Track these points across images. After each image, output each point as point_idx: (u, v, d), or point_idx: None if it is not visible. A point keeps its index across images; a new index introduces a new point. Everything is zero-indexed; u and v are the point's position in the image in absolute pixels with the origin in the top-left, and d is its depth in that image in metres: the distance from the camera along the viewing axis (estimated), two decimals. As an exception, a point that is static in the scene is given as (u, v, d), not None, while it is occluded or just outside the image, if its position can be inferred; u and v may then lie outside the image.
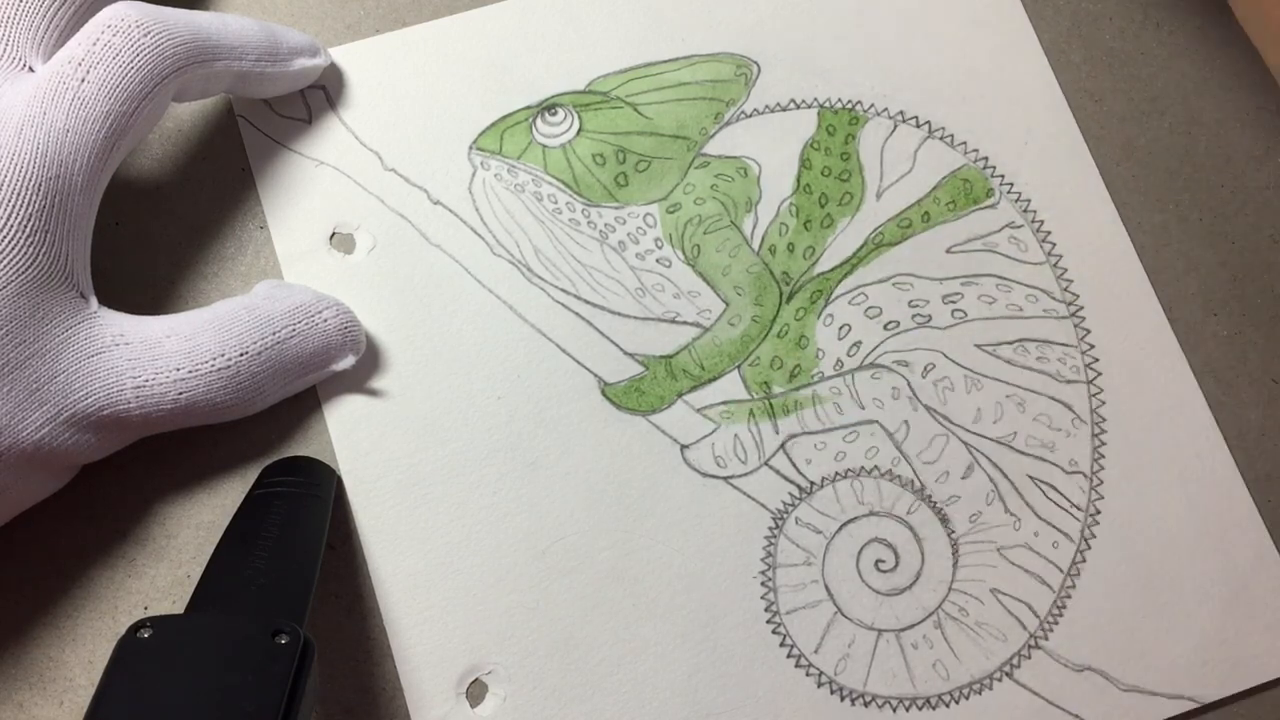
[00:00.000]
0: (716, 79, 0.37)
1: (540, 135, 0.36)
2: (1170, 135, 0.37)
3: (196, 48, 0.30)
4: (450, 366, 0.34)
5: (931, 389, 0.34)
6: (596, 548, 0.33)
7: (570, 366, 0.34)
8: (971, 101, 0.37)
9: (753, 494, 0.33)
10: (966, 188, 0.36)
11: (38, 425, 0.28)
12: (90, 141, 0.28)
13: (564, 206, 0.35)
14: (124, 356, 0.29)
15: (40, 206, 0.28)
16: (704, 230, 0.35)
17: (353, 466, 0.33)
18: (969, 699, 0.32)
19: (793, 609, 0.32)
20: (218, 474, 0.32)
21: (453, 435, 0.33)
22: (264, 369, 0.30)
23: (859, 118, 0.37)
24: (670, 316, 0.35)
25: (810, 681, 0.32)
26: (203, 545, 0.32)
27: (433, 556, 0.32)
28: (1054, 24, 0.38)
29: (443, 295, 0.34)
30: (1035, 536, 0.33)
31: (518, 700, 0.31)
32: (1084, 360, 0.35)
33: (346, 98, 0.36)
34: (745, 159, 0.36)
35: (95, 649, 0.31)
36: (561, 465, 0.33)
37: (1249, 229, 0.37)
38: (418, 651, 0.31)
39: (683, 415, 0.34)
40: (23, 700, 0.31)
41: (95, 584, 0.32)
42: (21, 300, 0.28)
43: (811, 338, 0.35)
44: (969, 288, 0.35)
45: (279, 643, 0.25)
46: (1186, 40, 0.38)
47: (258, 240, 0.35)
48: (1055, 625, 0.33)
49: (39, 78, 0.29)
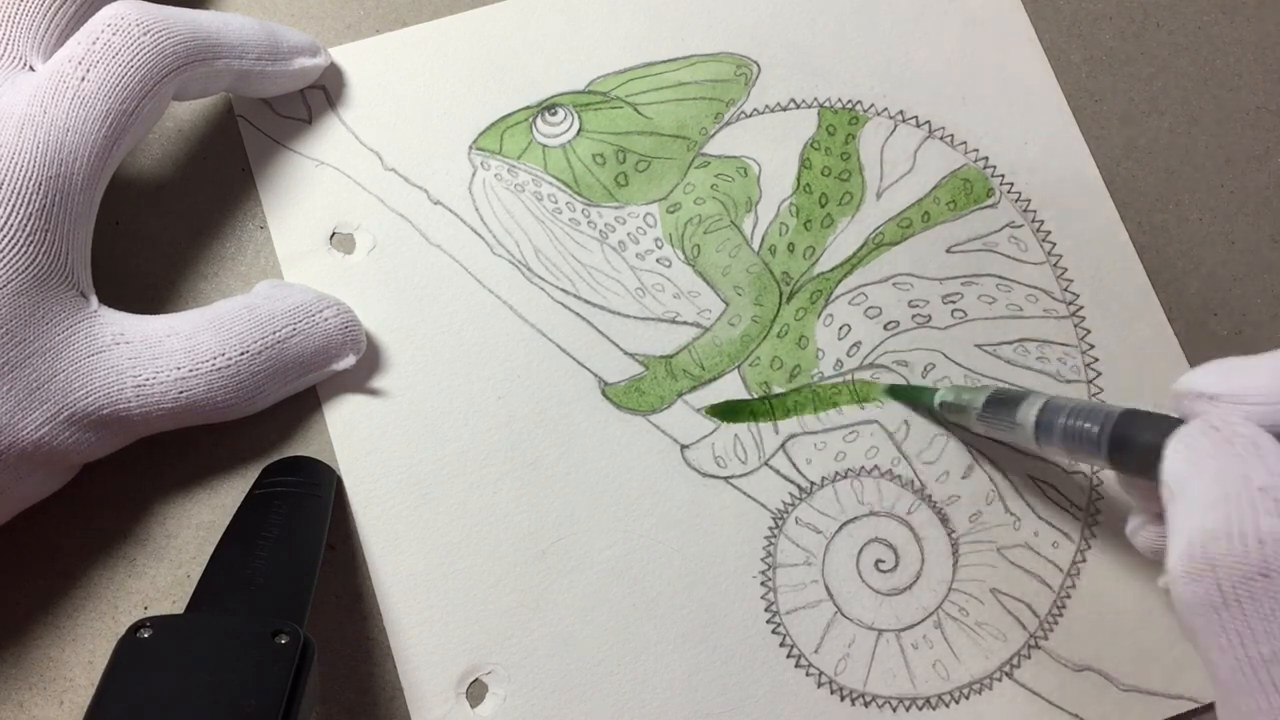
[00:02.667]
0: (716, 79, 0.37)
1: (540, 135, 0.36)
2: (1170, 135, 0.37)
3: (196, 46, 0.30)
4: (450, 366, 0.34)
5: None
6: (596, 548, 0.33)
7: (570, 366, 0.34)
8: (971, 101, 0.37)
9: (753, 494, 0.33)
10: (966, 187, 0.36)
11: (38, 424, 0.28)
12: (91, 140, 0.28)
13: (564, 206, 0.35)
14: (124, 355, 0.29)
15: (41, 205, 0.28)
16: (704, 230, 0.35)
17: (353, 466, 0.33)
18: (969, 699, 0.32)
19: (793, 609, 0.32)
20: (218, 474, 0.32)
21: (453, 435, 0.33)
22: (264, 368, 0.30)
23: (859, 118, 0.37)
24: (670, 316, 0.35)
25: (810, 681, 0.32)
26: (203, 545, 0.32)
27: (433, 556, 0.32)
28: (1054, 24, 0.38)
29: (443, 295, 0.34)
30: (1035, 536, 0.33)
31: (518, 700, 0.31)
32: (1084, 360, 0.35)
33: (346, 98, 0.36)
34: (745, 159, 0.36)
35: (95, 649, 0.31)
36: (561, 465, 0.33)
37: (1249, 229, 0.37)
38: (418, 651, 0.31)
39: (683, 415, 0.34)
40: (23, 700, 0.31)
41: (95, 584, 0.31)
42: (22, 299, 0.28)
43: (811, 338, 0.35)
44: (969, 288, 0.35)
45: (279, 643, 0.25)
46: (1186, 40, 0.38)
47: (258, 240, 0.35)
48: (1055, 625, 0.33)
49: (39, 77, 0.29)
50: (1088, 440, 0.27)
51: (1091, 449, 0.27)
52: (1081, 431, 0.27)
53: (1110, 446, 0.26)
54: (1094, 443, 0.26)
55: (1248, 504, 0.22)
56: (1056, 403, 0.28)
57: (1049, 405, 0.28)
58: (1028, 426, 0.29)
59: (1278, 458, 0.22)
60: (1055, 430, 0.28)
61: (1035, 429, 0.28)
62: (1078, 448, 0.27)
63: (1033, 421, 0.28)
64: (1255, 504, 0.22)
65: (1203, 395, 0.24)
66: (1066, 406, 0.28)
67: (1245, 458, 0.23)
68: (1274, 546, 0.21)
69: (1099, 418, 0.27)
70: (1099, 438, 0.26)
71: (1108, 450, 0.26)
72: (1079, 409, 0.27)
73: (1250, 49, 0.38)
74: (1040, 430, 0.28)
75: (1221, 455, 0.23)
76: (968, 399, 0.31)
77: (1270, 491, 0.22)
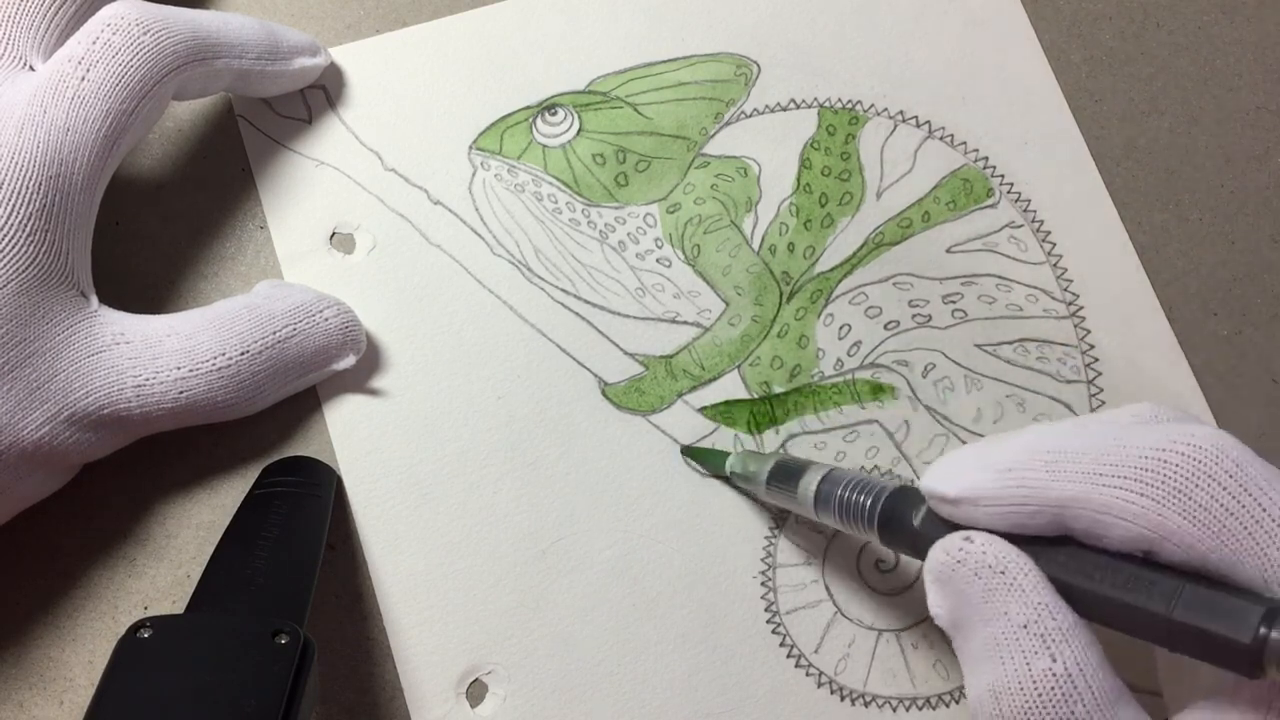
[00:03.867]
0: (716, 79, 0.37)
1: (540, 135, 0.36)
2: (1170, 135, 0.38)
3: (196, 45, 0.30)
4: (450, 366, 0.34)
5: (931, 389, 0.34)
6: (596, 548, 0.33)
7: (570, 366, 0.34)
8: (971, 101, 0.37)
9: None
10: (966, 187, 0.36)
11: (38, 424, 0.28)
12: (90, 140, 0.28)
13: (564, 206, 0.35)
14: (124, 355, 0.29)
15: (41, 205, 0.28)
16: (704, 230, 0.35)
17: (353, 466, 0.33)
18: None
19: (793, 609, 0.32)
20: (218, 474, 0.32)
21: (453, 435, 0.33)
22: (264, 368, 0.30)
23: (859, 117, 0.37)
24: (670, 316, 0.35)
25: (810, 681, 0.32)
26: (203, 545, 0.32)
27: (433, 556, 0.32)
28: (1054, 24, 0.38)
29: (443, 295, 0.34)
30: (1035, 536, 0.33)
31: (518, 700, 0.31)
32: (1084, 360, 0.35)
33: (346, 98, 0.36)
34: (745, 159, 0.36)
35: (95, 649, 0.31)
36: (561, 465, 0.33)
37: (1249, 229, 0.37)
38: (418, 651, 0.31)
39: (683, 415, 0.34)
40: (23, 700, 0.31)
41: (95, 584, 0.31)
42: (22, 299, 0.28)
43: (811, 337, 0.35)
44: (969, 288, 0.35)
45: (279, 643, 0.25)
46: (1186, 40, 0.39)
47: (258, 240, 0.35)
48: (1055, 625, 0.33)
49: (39, 77, 0.29)
50: (860, 513, 0.27)
51: (864, 523, 0.27)
52: (855, 505, 0.27)
53: (880, 522, 0.26)
54: (866, 517, 0.26)
55: (1016, 649, 0.22)
56: (836, 474, 0.28)
57: (829, 476, 0.28)
58: (808, 497, 0.28)
59: (1032, 585, 0.22)
60: (832, 502, 0.28)
61: (814, 499, 0.28)
62: (852, 521, 0.27)
63: (812, 493, 0.28)
64: (1023, 647, 0.22)
65: (944, 499, 0.24)
66: (845, 478, 0.27)
67: (997, 592, 0.23)
68: (1050, 691, 0.22)
69: (872, 492, 0.27)
70: (869, 512, 0.26)
71: (878, 525, 0.26)
72: (857, 482, 0.27)
73: (1250, 49, 0.38)
74: (819, 501, 0.28)
75: (973, 593, 0.23)
76: (754, 469, 0.31)
77: (1033, 628, 0.22)
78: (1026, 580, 0.23)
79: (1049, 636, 0.22)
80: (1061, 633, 0.22)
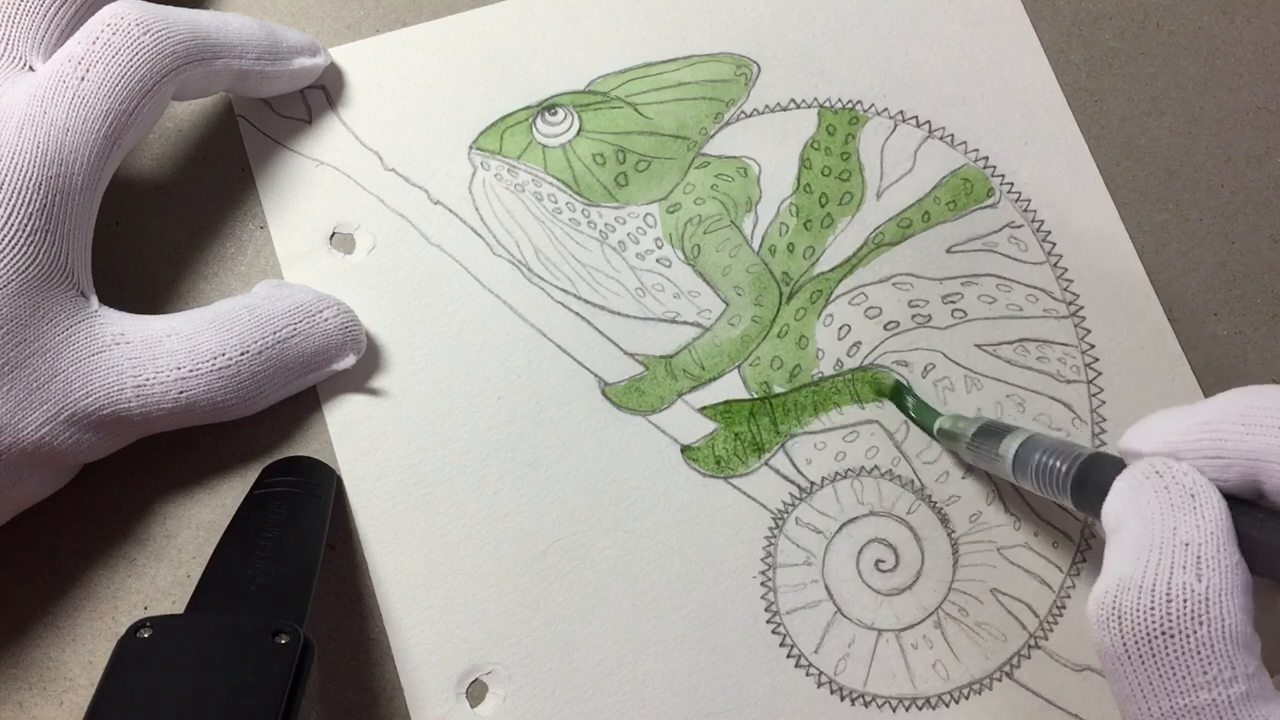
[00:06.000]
0: (716, 79, 0.37)
1: (540, 135, 0.36)
2: (1170, 135, 0.38)
3: (196, 45, 0.30)
4: (450, 366, 0.34)
5: (931, 389, 0.34)
6: (596, 548, 0.33)
7: (570, 366, 0.34)
8: (971, 101, 0.37)
9: (753, 494, 0.33)
10: (966, 187, 0.36)
11: (38, 424, 0.28)
12: (90, 140, 0.28)
13: (564, 206, 0.35)
14: (124, 355, 0.29)
15: (41, 205, 0.28)
16: (704, 230, 0.35)
17: (353, 466, 0.33)
18: (969, 699, 0.32)
19: (793, 609, 0.32)
20: (218, 474, 0.32)
21: (453, 435, 0.33)
22: (264, 368, 0.30)
23: (859, 117, 0.37)
24: (670, 316, 0.35)
25: (810, 681, 0.32)
26: (203, 545, 0.32)
27: (433, 556, 0.32)
28: (1054, 24, 0.38)
29: (443, 295, 0.34)
30: (1035, 536, 0.33)
31: (518, 700, 0.31)
32: (1084, 360, 0.35)
33: (346, 98, 0.36)
34: (745, 159, 0.36)
35: (95, 649, 0.31)
36: (561, 465, 0.33)
37: (1249, 229, 0.37)
38: (418, 651, 0.31)
39: (683, 415, 0.34)
40: (23, 700, 0.31)
41: (95, 584, 0.31)
42: (22, 299, 0.28)
43: (811, 338, 0.35)
44: (969, 288, 0.35)
45: (279, 643, 0.25)
46: (1186, 40, 0.39)
47: (258, 240, 0.35)
48: (1055, 625, 0.33)
49: (39, 76, 0.29)
50: (1055, 477, 0.27)
51: (1058, 486, 0.27)
52: (1051, 469, 0.28)
53: (1073, 485, 0.27)
54: (1060, 480, 0.27)
55: (1167, 558, 0.22)
56: (1036, 440, 0.29)
57: (1028, 441, 0.29)
58: (1007, 459, 0.29)
59: (1214, 514, 0.22)
60: (1030, 466, 0.28)
61: (1013, 462, 0.29)
62: (1047, 484, 0.28)
63: (1012, 455, 0.29)
64: (1174, 559, 0.22)
65: (1141, 455, 0.24)
66: (1044, 444, 0.28)
67: (1178, 509, 0.22)
68: (1180, 605, 0.21)
69: (1069, 457, 0.27)
70: (1065, 476, 0.27)
71: (1071, 488, 0.27)
72: (1054, 448, 0.28)
73: (1250, 49, 0.38)
74: (1017, 464, 0.29)
75: (1155, 503, 0.23)
76: (962, 428, 0.32)
77: (1194, 548, 0.22)
78: (1209, 509, 0.22)
79: (1205, 561, 0.22)
80: (1219, 563, 0.22)
